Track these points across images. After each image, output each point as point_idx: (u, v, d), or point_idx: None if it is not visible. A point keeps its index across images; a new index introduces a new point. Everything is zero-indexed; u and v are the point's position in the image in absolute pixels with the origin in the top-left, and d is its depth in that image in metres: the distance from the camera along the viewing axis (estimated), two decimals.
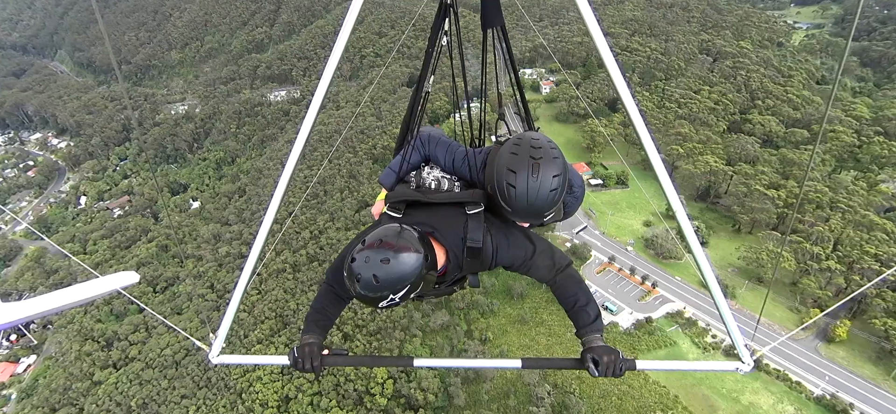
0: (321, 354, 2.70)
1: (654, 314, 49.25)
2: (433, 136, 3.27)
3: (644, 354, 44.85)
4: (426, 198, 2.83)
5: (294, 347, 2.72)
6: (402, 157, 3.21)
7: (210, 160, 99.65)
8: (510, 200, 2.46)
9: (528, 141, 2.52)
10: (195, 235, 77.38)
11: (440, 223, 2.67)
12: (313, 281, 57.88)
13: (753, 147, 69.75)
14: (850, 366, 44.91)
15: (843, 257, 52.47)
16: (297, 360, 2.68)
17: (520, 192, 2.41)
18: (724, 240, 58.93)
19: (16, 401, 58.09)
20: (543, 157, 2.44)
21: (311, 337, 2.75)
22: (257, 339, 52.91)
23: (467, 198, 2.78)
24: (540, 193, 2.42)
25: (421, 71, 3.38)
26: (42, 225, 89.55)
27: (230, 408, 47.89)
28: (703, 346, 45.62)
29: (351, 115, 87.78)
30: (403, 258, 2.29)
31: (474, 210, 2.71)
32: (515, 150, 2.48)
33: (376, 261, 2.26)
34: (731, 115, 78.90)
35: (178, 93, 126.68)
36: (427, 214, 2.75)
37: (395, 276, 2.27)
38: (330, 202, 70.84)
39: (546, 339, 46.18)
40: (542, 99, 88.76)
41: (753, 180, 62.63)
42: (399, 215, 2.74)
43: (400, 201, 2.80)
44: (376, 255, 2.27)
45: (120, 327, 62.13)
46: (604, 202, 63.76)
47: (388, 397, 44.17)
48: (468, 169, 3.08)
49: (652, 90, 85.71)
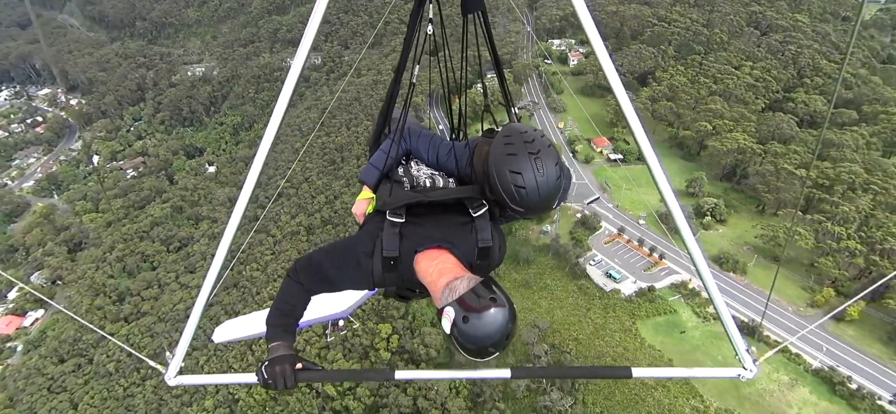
0: (294, 371, 2.71)
1: (657, 284, 55.62)
2: (414, 129, 3.49)
3: (643, 320, 52.04)
4: (425, 197, 2.92)
5: (263, 365, 2.73)
6: (384, 153, 3.38)
7: (227, 125, 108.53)
8: (522, 201, 2.63)
9: (520, 136, 2.66)
10: (210, 197, 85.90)
11: (450, 234, 2.79)
12: (326, 242, 65.49)
13: (790, 126, 73.97)
14: (859, 344, 50.11)
15: (866, 238, 57.09)
16: (267, 380, 2.69)
17: (530, 190, 2.58)
18: (744, 219, 64.39)
19: (22, 353, 66.23)
20: (541, 149, 2.60)
21: (281, 347, 2.77)
22: (269, 295, 60.67)
23: (467, 195, 2.93)
24: (549, 186, 2.60)
25: (400, 59, 3.57)
26: (51, 182, 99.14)
27: (240, 358, 55.59)
28: (704, 315, 51.64)
29: (372, 83, 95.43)
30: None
31: (480, 210, 2.86)
32: (511, 149, 2.62)
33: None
34: (773, 93, 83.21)
35: (195, 54, 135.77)
36: (428, 217, 2.87)
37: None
38: (346, 168, 78.47)
39: (548, 302, 53.06)
40: (568, 71, 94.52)
41: (783, 160, 67.33)
42: (401, 221, 2.81)
43: (401, 206, 2.86)
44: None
45: (133, 283, 70.71)
46: (621, 177, 69.81)
47: (392, 352, 51.36)
48: (454, 163, 3.29)
49: (687, 64, 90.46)
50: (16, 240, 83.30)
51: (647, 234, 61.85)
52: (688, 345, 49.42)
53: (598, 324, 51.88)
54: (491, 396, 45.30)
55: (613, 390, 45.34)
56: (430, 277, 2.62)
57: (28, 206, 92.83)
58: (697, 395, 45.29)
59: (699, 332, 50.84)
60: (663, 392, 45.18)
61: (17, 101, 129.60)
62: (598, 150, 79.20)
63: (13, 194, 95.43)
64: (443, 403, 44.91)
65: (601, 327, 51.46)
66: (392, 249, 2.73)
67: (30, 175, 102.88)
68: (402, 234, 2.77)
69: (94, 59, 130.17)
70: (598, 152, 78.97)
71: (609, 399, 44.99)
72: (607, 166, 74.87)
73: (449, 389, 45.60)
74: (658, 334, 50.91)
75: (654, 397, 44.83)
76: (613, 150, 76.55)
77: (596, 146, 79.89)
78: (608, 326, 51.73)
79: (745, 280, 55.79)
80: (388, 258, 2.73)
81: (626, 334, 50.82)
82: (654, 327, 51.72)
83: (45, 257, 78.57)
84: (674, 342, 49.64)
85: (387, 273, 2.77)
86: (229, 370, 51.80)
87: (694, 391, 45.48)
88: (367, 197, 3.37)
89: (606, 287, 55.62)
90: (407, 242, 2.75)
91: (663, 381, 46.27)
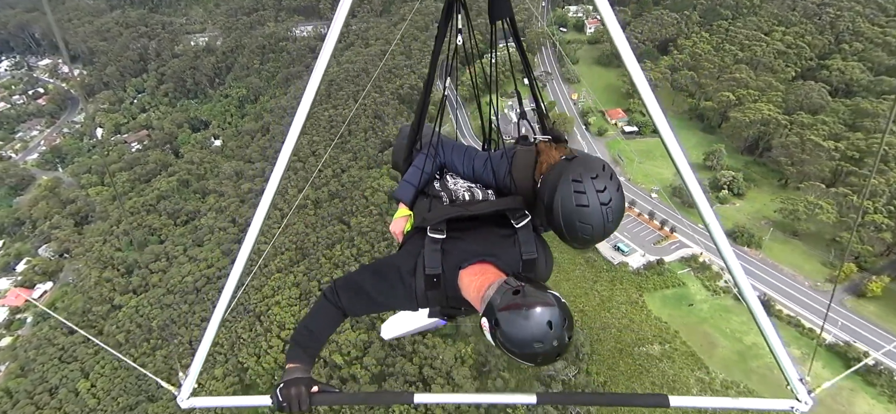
0: (310, 394, 2.79)
1: (667, 257, 58.90)
2: (446, 142, 3.63)
3: (650, 293, 55.58)
4: (466, 211, 3.04)
5: (278, 387, 2.81)
6: (418, 168, 3.55)
7: (233, 97, 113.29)
8: (584, 245, 2.80)
9: (592, 184, 2.67)
10: (217, 171, 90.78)
11: (493, 247, 2.88)
12: (333, 216, 69.71)
13: (820, 96, 75.19)
14: (880, 321, 52.52)
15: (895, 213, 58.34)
16: (281, 403, 2.77)
17: (595, 237, 2.73)
18: (765, 194, 67.12)
19: (31, 324, 71.73)
20: (612, 198, 2.66)
21: (297, 370, 2.86)
22: (277, 268, 65.18)
23: (509, 206, 3.04)
24: (612, 229, 2.71)
25: (429, 71, 3.67)
26: (55, 155, 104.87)
27: (249, 328, 60.10)
28: (714, 289, 54.88)
29: (381, 53, 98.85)
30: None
31: (523, 222, 2.96)
32: (582, 199, 2.65)
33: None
34: (806, 61, 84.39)
35: (198, 22, 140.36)
36: (468, 232, 2.97)
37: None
38: (354, 141, 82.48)
39: (554, 275, 53.78)
40: (585, 39, 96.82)
41: (810, 131, 68.91)
42: (442, 237, 2.91)
43: (442, 221, 2.96)
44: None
45: (141, 256, 75.78)
46: (635, 150, 72.62)
47: None
48: (491, 173, 3.40)
49: (712, 30, 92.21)
50: (22, 213, 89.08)
51: (659, 207, 64.80)
52: (695, 317, 52.77)
53: (604, 296, 55.34)
54: (495, 366, 49.09)
55: (617, 361, 49.04)
56: (473, 293, 2.73)
57: (33, 179, 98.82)
58: (703, 366, 48.64)
59: (708, 305, 54.01)
60: (668, 363, 48.71)
61: (17, 72, 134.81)
62: (613, 122, 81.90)
63: (17, 167, 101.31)
64: (448, 371, 48.76)
65: (607, 300, 54.89)
66: (434, 267, 2.85)
67: (33, 148, 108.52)
68: (443, 250, 2.88)
69: (94, 28, 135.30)
70: (612, 124, 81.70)
71: (612, 369, 48.58)
72: (621, 139, 77.62)
73: (455, 358, 49.53)
74: (665, 307, 54.24)
75: (659, 368, 48.30)
76: (628, 123, 79.40)
77: (610, 118, 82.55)
78: (615, 298, 55.14)
79: (761, 254, 58.86)
80: (430, 276, 2.85)
81: (632, 307, 54.22)
82: (662, 300, 55.02)
83: (52, 230, 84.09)
84: (681, 315, 53.05)
85: (430, 291, 2.88)
86: None
87: (700, 363, 48.89)
88: (404, 214, 3.56)
89: (614, 260, 58.91)
90: (449, 259, 2.86)
91: (668, 352, 49.88)
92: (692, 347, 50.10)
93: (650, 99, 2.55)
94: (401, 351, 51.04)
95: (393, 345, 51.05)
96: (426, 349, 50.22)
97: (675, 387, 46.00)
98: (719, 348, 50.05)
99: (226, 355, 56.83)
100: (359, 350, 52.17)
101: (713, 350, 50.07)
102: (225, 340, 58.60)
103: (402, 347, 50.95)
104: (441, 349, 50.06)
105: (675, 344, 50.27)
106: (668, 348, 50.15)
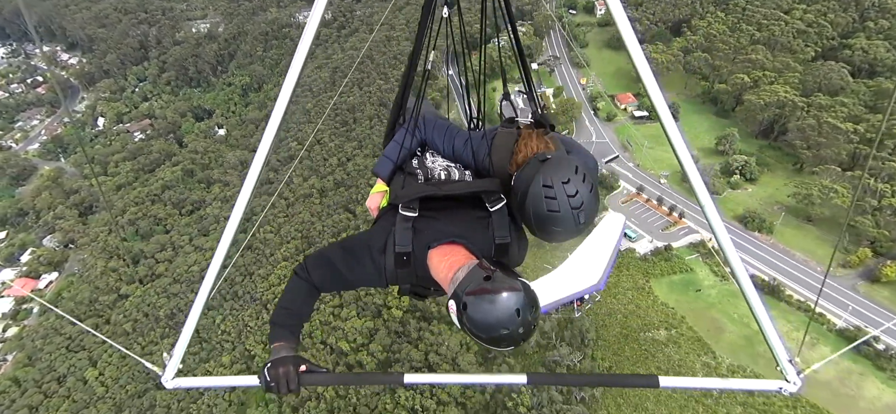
0: (298, 374, 2.82)
1: (675, 243, 61.09)
2: (429, 118, 3.66)
3: (657, 279, 57.75)
4: (440, 190, 3.12)
5: (266, 367, 2.83)
6: (398, 143, 3.58)
7: (236, 86, 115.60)
8: (557, 240, 2.88)
9: (563, 188, 2.72)
10: (221, 160, 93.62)
11: (465, 229, 2.95)
12: (339, 204, 72.20)
13: (840, 76, 75.78)
14: (894, 306, 54.30)
15: None
16: (270, 383, 2.79)
17: (564, 236, 2.82)
18: (779, 178, 68.84)
19: (38, 314, 74.45)
20: (584, 202, 2.72)
21: (283, 349, 2.90)
22: (284, 256, 67.81)
23: (484, 188, 3.12)
24: (581, 230, 2.78)
25: (414, 45, 3.63)
26: (57, 145, 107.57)
27: (256, 316, 62.84)
28: (722, 275, 56.79)
29: (384, 39, 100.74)
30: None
31: (498, 205, 3.04)
32: (552, 205, 2.72)
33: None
34: (827, 40, 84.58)
35: (199, 8, 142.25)
36: (443, 211, 3.04)
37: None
38: (358, 129, 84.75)
39: (559, 262, 58.43)
40: (595, 22, 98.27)
41: (827, 113, 69.97)
42: (414, 214, 2.98)
43: (414, 199, 3.04)
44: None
45: (147, 246, 78.74)
46: (644, 135, 74.62)
47: (404, 310, 57.85)
48: (471, 154, 3.45)
49: (729, 10, 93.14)
50: (25, 203, 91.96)
51: (668, 193, 66.67)
52: (703, 302, 54.89)
53: (610, 282, 56.63)
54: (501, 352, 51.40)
55: (623, 346, 51.18)
56: (441, 273, 2.81)
57: (35, 169, 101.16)
58: (710, 351, 50.68)
59: (716, 290, 56.07)
60: (674, 348, 50.79)
61: (14, 60, 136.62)
62: (622, 107, 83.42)
63: (19, 157, 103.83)
64: (454, 358, 51.00)
65: (613, 286, 56.70)
66: (405, 245, 2.93)
67: (34, 138, 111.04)
68: (415, 228, 2.96)
69: (93, 15, 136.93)
70: (621, 109, 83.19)
71: (618, 355, 50.70)
72: (631, 123, 79.35)
73: (460, 345, 51.82)
74: (672, 293, 56.34)
75: (665, 353, 50.36)
76: (638, 107, 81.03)
77: (619, 103, 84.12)
78: (621, 284, 57.19)
79: (772, 240, 60.69)
80: (400, 254, 2.94)
81: (639, 292, 56.40)
82: (669, 286, 57.13)
83: (56, 221, 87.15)
84: (688, 300, 55.18)
85: (400, 270, 2.97)
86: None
87: (706, 348, 50.95)
88: (381, 190, 3.68)
89: (622, 247, 60.74)
90: (420, 238, 2.94)
91: (675, 337, 52.01)
92: (699, 332, 52.19)
93: (650, 80, 2.66)
94: (407, 338, 53.42)
95: (398, 331, 53.49)
96: (432, 335, 52.49)
97: (681, 372, 47.95)
98: (726, 333, 52.07)
99: (233, 343, 59.50)
100: (365, 337, 54.36)
101: (720, 335, 52.06)
102: (232, 327, 61.34)
103: (408, 334, 53.33)
104: (447, 336, 52.17)
105: (682, 329, 52.39)
106: (674, 334, 52.26)
